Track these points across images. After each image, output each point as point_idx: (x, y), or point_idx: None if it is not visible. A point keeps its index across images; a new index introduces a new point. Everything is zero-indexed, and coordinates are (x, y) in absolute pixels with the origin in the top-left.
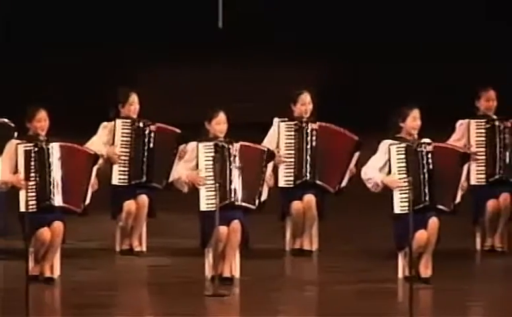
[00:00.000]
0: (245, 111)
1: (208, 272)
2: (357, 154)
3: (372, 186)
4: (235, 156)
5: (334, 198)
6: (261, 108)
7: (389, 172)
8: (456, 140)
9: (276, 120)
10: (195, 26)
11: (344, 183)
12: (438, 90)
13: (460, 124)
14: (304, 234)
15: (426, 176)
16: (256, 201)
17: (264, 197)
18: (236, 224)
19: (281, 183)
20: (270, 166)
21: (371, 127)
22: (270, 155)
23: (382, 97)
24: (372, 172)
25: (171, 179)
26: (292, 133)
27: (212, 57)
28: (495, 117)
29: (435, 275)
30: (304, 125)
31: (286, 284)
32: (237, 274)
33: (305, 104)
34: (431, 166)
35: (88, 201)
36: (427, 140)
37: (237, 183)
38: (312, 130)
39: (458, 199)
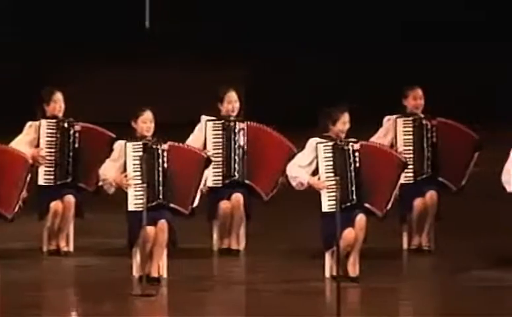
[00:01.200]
0: (173, 110)
1: (136, 272)
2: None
3: (296, 184)
4: (163, 155)
5: (259, 196)
6: (188, 107)
7: (316, 170)
8: (381, 137)
9: (203, 118)
10: (122, 26)
11: (274, 189)
12: (364, 89)
13: (388, 119)
14: (232, 234)
15: (353, 174)
16: (189, 207)
17: (196, 202)
18: (163, 223)
19: (209, 183)
20: (206, 172)
21: (298, 126)
22: (208, 161)
23: (307, 96)
24: (297, 171)
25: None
26: (219, 132)
27: (139, 57)
28: (422, 115)
29: (363, 274)
30: (231, 123)
31: (214, 284)
32: (164, 274)
33: (231, 102)
34: (357, 165)
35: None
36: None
37: (167, 183)
38: (240, 129)
39: (390, 205)
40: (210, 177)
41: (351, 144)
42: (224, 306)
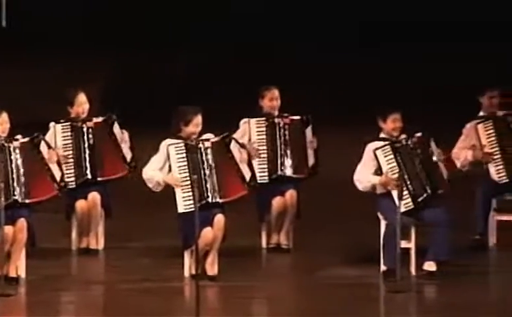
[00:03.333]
0: (27, 110)
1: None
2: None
3: (153, 186)
4: (16, 154)
5: (121, 195)
6: (43, 108)
7: (169, 171)
8: (239, 138)
9: (52, 124)
10: None
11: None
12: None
13: (244, 122)
14: (90, 233)
15: (207, 172)
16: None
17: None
18: (22, 222)
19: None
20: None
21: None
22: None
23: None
24: (151, 172)
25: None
26: (69, 133)
27: None
28: (276, 114)
29: (222, 273)
30: (80, 124)
31: (72, 283)
32: (23, 274)
33: (81, 104)
34: (211, 163)
35: None
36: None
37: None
38: (88, 129)
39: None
40: (65, 177)
41: (203, 142)
42: (82, 305)
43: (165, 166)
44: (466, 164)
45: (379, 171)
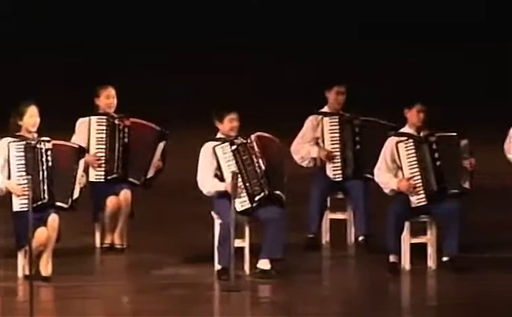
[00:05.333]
0: None
1: None
2: None
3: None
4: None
5: None
6: None
7: (9, 172)
8: (77, 138)
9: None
10: None
11: None
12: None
13: (82, 123)
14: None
15: (45, 173)
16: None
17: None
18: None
19: None
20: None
21: None
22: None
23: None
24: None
25: None
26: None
27: None
28: (115, 115)
29: (56, 273)
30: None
31: None
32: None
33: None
34: (50, 163)
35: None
36: (46, 138)
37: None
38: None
39: (76, 195)
40: None
41: (43, 143)
42: None
43: (4, 167)
44: (308, 159)
45: (217, 171)
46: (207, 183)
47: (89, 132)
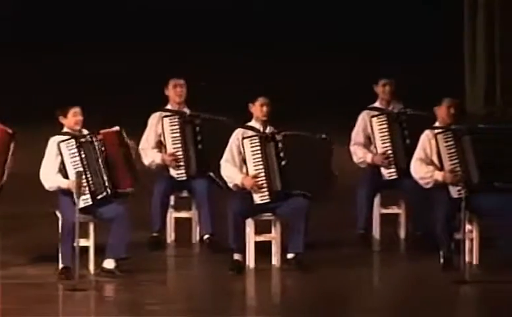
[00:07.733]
0: None
1: None
2: None
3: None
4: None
5: None
6: None
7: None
8: None
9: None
10: None
11: None
12: None
13: None
14: None
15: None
16: None
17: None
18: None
19: None
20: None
21: None
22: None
23: None
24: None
25: None
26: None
27: None
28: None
29: None
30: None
31: None
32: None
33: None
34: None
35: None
36: None
37: None
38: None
39: None
40: None
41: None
42: None
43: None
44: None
45: (61, 166)
46: (49, 178)
47: None
